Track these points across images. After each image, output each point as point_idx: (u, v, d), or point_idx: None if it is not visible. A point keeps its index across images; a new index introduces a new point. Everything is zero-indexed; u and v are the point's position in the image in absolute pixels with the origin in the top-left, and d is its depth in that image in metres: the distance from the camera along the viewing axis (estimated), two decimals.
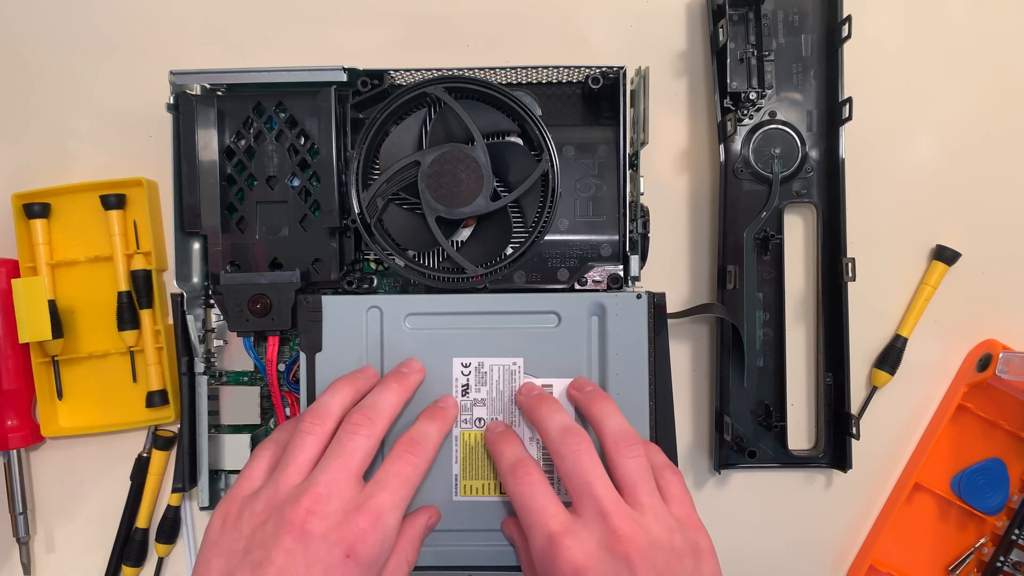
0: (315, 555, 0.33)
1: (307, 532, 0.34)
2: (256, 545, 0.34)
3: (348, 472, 0.36)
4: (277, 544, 0.33)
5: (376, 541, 0.35)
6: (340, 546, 0.34)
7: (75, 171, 0.53)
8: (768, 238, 0.50)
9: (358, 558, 0.34)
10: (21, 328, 0.48)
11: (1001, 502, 0.51)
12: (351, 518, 0.35)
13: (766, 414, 0.51)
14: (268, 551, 0.33)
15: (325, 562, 0.33)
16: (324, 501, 0.35)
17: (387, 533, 0.35)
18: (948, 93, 0.53)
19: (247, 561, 0.34)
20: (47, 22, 0.53)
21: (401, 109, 0.44)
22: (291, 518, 0.34)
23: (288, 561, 0.33)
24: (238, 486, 0.37)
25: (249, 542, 0.34)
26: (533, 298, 0.43)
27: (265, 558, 0.33)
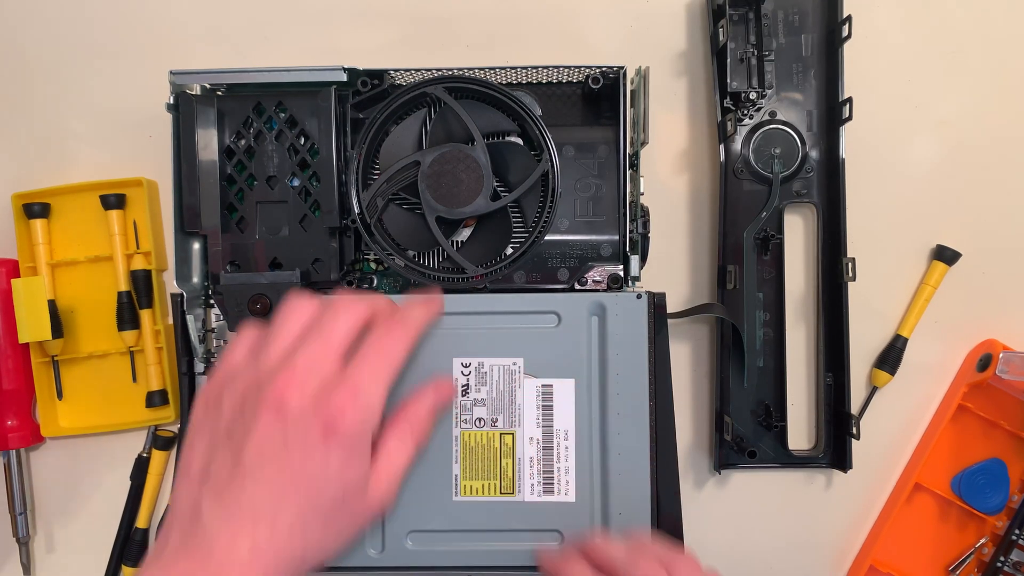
0: (293, 431, 0.33)
1: (284, 407, 0.33)
2: (236, 425, 0.34)
3: (329, 349, 0.35)
4: (256, 421, 0.33)
5: (356, 416, 0.34)
6: (318, 420, 0.33)
7: (75, 171, 0.53)
8: (768, 238, 0.50)
9: (337, 432, 0.33)
10: (21, 328, 0.48)
11: (1001, 502, 0.51)
12: (329, 393, 0.34)
13: (766, 414, 0.51)
14: (247, 429, 0.33)
15: (303, 438, 0.33)
16: (303, 377, 0.34)
17: (369, 410, 0.34)
18: (948, 93, 0.53)
19: (228, 441, 0.33)
20: (47, 22, 0.53)
21: (401, 109, 0.44)
22: (269, 395, 0.33)
23: (266, 438, 0.33)
24: (219, 368, 0.36)
25: (230, 423, 0.34)
26: (533, 298, 0.43)
27: (244, 437, 0.33)
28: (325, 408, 0.33)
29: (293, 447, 0.33)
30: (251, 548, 0.32)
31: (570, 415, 0.42)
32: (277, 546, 0.32)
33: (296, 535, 0.33)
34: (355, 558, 0.42)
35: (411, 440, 0.38)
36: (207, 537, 0.32)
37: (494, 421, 0.42)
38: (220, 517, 0.32)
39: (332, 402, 0.33)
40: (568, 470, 0.42)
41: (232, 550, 0.31)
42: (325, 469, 0.33)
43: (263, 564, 0.32)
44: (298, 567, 0.33)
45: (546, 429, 0.42)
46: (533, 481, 0.42)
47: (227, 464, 0.33)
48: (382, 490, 0.36)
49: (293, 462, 0.33)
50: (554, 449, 0.42)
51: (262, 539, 0.32)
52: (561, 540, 0.42)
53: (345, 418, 0.33)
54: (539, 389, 0.42)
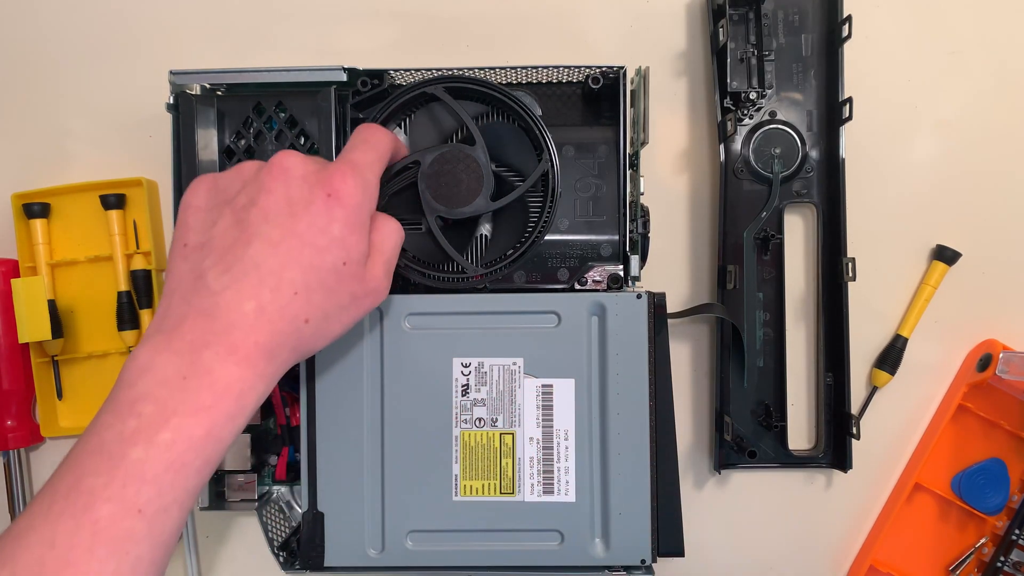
0: (297, 192, 0.34)
1: (289, 173, 0.34)
2: (240, 195, 0.34)
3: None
4: (260, 187, 0.34)
5: (356, 184, 0.35)
6: (321, 187, 0.34)
7: (75, 171, 0.53)
8: (768, 238, 0.50)
9: (340, 197, 0.34)
10: (21, 328, 0.48)
11: (1001, 502, 0.51)
12: (328, 166, 0.35)
13: (766, 414, 0.51)
14: (252, 195, 0.34)
15: (308, 199, 0.34)
16: (303, 156, 0.35)
17: (366, 184, 0.35)
18: (948, 93, 0.53)
19: (231, 211, 0.34)
20: (47, 22, 0.53)
21: (401, 109, 0.44)
22: (274, 164, 0.34)
23: (271, 200, 0.33)
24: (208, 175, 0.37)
25: (233, 195, 0.35)
26: (533, 298, 0.43)
27: (249, 202, 0.34)
28: (329, 175, 0.34)
29: (298, 207, 0.33)
30: (256, 308, 0.32)
31: (570, 415, 0.42)
32: (281, 307, 0.33)
33: (300, 298, 0.33)
34: (355, 558, 0.42)
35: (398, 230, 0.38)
36: (211, 297, 0.32)
37: (494, 421, 0.42)
38: (225, 277, 0.32)
39: (336, 170, 0.35)
40: (568, 470, 0.42)
41: (238, 309, 0.32)
42: (328, 232, 0.34)
43: (268, 323, 0.32)
44: (300, 333, 0.33)
45: (546, 429, 0.42)
46: (533, 481, 0.42)
47: (231, 229, 0.34)
48: (377, 276, 0.36)
49: (299, 223, 0.33)
50: (554, 449, 0.42)
51: (267, 299, 0.32)
52: (561, 540, 0.42)
53: (346, 185, 0.34)
54: (539, 389, 0.42)
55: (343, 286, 0.35)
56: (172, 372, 0.31)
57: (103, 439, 0.30)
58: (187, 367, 0.31)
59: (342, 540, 0.42)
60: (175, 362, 0.31)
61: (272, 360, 0.33)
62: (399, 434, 0.42)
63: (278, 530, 0.46)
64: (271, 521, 0.47)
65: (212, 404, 0.31)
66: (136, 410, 0.30)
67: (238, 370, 0.31)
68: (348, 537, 0.42)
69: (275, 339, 0.33)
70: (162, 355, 0.31)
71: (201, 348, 0.31)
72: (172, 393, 0.30)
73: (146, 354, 0.31)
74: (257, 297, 0.32)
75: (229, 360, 0.31)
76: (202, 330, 0.31)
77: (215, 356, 0.31)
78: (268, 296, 0.32)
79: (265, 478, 0.48)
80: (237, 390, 0.31)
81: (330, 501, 0.42)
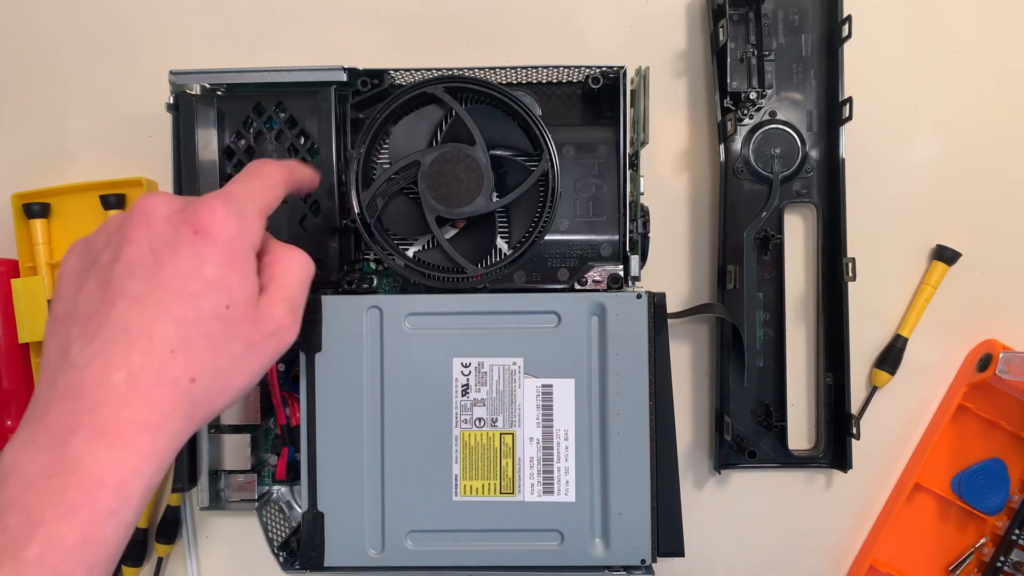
0: (160, 236, 0.30)
1: (151, 217, 0.30)
2: (104, 254, 0.31)
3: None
4: (123, 240, 0.30)
5: (228, 216, 0.30)
6: (186, 225, 0.30)
7: (75, 171, 0.53)
8: (768, 238, 0.50)
9: (209, 233, 0.30)
10: (21, 328, 0.48)
11: (1001, 502, 0.51)
12: (195, 201, 0.31)
13: (766, 414, 0.51)
14: (115, 252, 0.30)
15: (173, 243, 0.30)
16: (168, 195, 0.31)
17: (242, 214, 0.31)
18: (948, 93, 0.53)
19: (96, 272, 0.30)
20: (47, 22, 0.53)
21: (401, 109, 0.44)
22: (134, 212, 0.31)
23: (135, 253, 0.30)
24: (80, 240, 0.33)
25: (98, 255, 0.31)
26: (533, 298, 0.43)
27: (112, 260, 0.30)
28: (195, 211, 0.30)
29: (163, 254, 0.30)
30: (127, 377, 0.28)
31: (570, 415, 0.42)
32: (156, 369, 0.28)
33: (179, 357, 0.29)
34: (355, 558, 0.42)
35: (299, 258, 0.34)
36: (76, 374, 0.28)
37: (494, 421, 0.42)
38: (90, 348, 0.28)
39: (203, 204, 0.31)
40: (568, 470, 0.42)
41: (106, 382, 0.28)
42: (199, 275, 0.30)
43: (144, 392, 0.28)
44: (190, 396, 0.29)
45: (546, 429, 0.42)
46: (533, 481, 0.42)
47: (95, 292, 0.30)
48: (277, 315, 0.32)
49: (165, 271, 0.29)
50: (554, 449, 0.42)
51: (137, 364, 0.28)
52: (561, 540, 0.42)
53: (215, 219, 0.30)
54: (539, 389, 0.42)
55: (232, 333, 0.30)
56: (37, 471, 0.27)
57: None
58: (52, 463, 0.27)
59: (342, 540, 0.42)
60: (40, 459, 0.27)
61: (157, 434, 0.28)
62: (399, 434, 0.42)
63: (278, 530, 0.46)
64: (271, 521, 0.47)
65: (84, 502, 0.26)
66: (1, 523, 0.26)
67: (113, 455, 0.27)
68: (348, 537, 0.42)
69: (156, 409, 0.28)
70: (25, 452, 0.27)
71: (67, 437, 0.27)
72: (38, 497, 0.26)
73: (11, 453, 0.27)
74: (126, 365, 0.28)
75: (100, 445, 0.27)
76: (67, 415, 0.27)
77: (83, 443, 0.27)
78: (139, 361, 0.28)
79: (265, 478, 0.48)
80: (115, 480, 0.27)
81: (330, 501, 0.42)
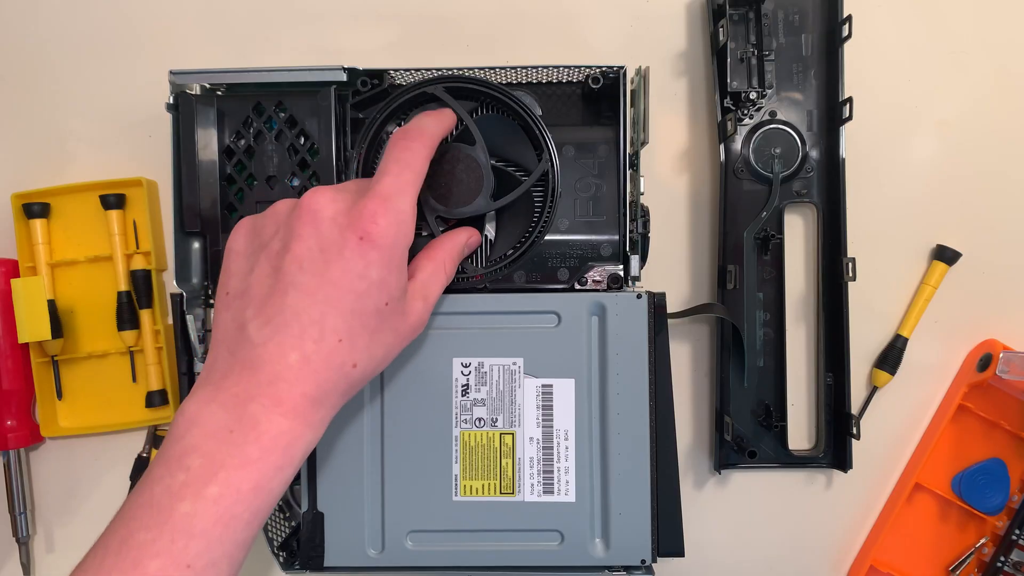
0: (328, 239, 0.33)
1: (317, 216, 0.34)
2: (273, 241, 0.35)
3: (354, 180, 0.37)
4: (292, 233, 0.34)
5: (389, 223, 0.34)
6: (352, 229, 0.33)
7: (75, 171, 0.53)
8: (768, 238, 0.50)
9: (373, 240, 0.33)
10: (21, 328, 0.48)
11: (1001, 502, 0.51)
12: (358, 203, 0.34)
13: (766, 414, 0.51)
14: (285, 242, 0.34)
15: (341, 245, 0.33)
16: (333, 194, 0.35)
17: (399, 216, 0.35)
18: (948, 93, 0.53)
19: (266, 258, 0.34)
20: (47, 22, 0.53)
21: (401, 109, 0.44)
22: (303, 208, 0.34)
23: (304, 247, 0.33)
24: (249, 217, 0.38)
25: (267, 241, 0.35)
26: (533, 298, 0.43)
27: (282, 249, 0.34)
28: (358, 216, 0.34)
29: (331, 254, 0.33)
30: (300, 358, 0.32)
31: (570, 415, 0.42)
32: (326, 354, 0.33)
33: (344, 344, 0.33)
34: (355, 558, 0.42)
35: (443, 268, 0.39)
36: (254, 350, 0.32)
37: (494, 421, 0.42)
38: (266, 329, 0.32)
39: (364, 210, 0.34)
40: (568, 470, 0.42)
41: (282, 361, 0.32)
42: (366, 276, 0.33)
43: (314, 372, 0.32)
44: (348, 376, 0.34)
45: (546, 429, 0.42)
46: (533, 481, 0.42)
47: (267, 278, 0.34)
48: (418, 310, 0.37)
49: (333, 270, 0.33)
50: (554, 449, 0.42)
51: (310, 348, 0.32)
52: (561, 540, 0.42)
53: (378, 225, 0.34)
54: (539, 389, 0.42)
55: (387, 325, 0.35)
56: (219, 425, 0.31)
57: (153, 493, 0.30)
58: (233, 421, 0.31)
59: (342, 540, 0.42)
60: (221, 415, 0.31)
61: (320, 407, 0.33)
62: (399, 434, 0.42)
63: (278, 530, 0.46)
64: (271, 521, 0.46)
65: (259, 457, 0.31)
66: (184, 463, 0.30)
67: (285, 422, 0.32)
68: (348, 537, 0.42)
69: (322, 388, 0.33)
70: (209, 407, 0.32)
71: (247, 401, 0.31)
72: (219, 446, 0.31)
73: (194, 406, 0.32)
74: (300, 348, 0.32)
75: (275, 412, 0.32)
76: (247, 383, 0.32)
77: (261, 409, 0.31)
78: (312, 347, 0.32)
79: None
80: (284, 442, 0.32)
81: (330, 501, 0.42)
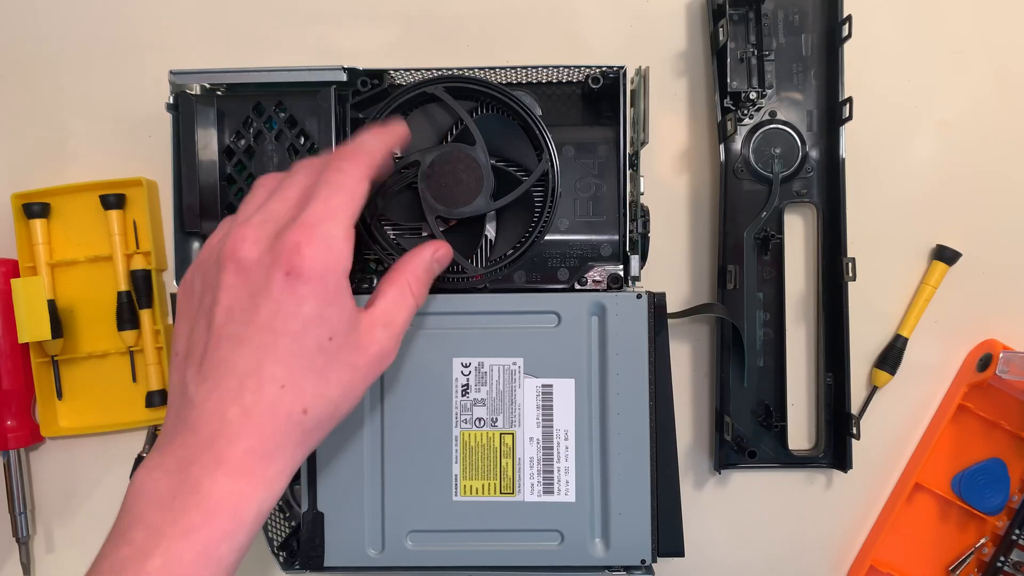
0: (256, 282, 0.31)
1: (240, 263, 0.32)
2: (205, 295, 0.33)
3: (283, 202, 0.33)
4: (218, 284, 0.32)
5: (316, 252, 0.31)
6: (277, 266, 0.31)
7: (75, 171, 0.53)
8: (768, 238, 0.50)
9: (300, 273, 0.31)
10: (21, 328, 0.48)
11: (1001, 502, 0.51)
12: (281, 236, 0.32)
13: (766, 414, 0.51)
14: (214, 295, 0.32)
15: (267, 286, 0.31)
16: (256, 231, 0.32)
17: (328, 242, 0.32)
18: (948, 93, 0.53)
19: (201, 314, 0.33)
20: (46, 22, 0.53)
21: (401, 109, 0.44)
22: (225, 254, 0.32)
23: (231, 297, 0.32)
24: (197, 256, 0.36)
25: (201, 296, 0.33)
26: (533, 298, 0.43)
27: (212, 303, 0.32)
28: (281, 250, 0.31)
29: (260, 298, 0.31)
30: (240, 412, 0.30)
31: (570, 415, 0.42)
32: (268, 404, 0.31)
33: (288, 390, 0.31)
34: (355, 558, 0.42)
35: (408, 291, 0.36)
36: (194, 409, 0.31)
37: (494, 421, 0.42)
38: (203, 387, 0.31)
39: (287, 243, 0.31)
40: (568, 470, 0.42)
41: (221, 417, 0.30)
42: (298, 314, 0.31)
43: (257, 425, 0.30)
44: (300, 423, 0.31)
45: (546, 429, 0.42)
46: (533, 481, 0.42)
47: (203, 334, 0.32)
48: (379, 340, 0.34)
49: (263, 313, 0.31)
50: (554, 449, 0.42)
51: (249, 400, 0.31)
52: (561, 540, 0.42)
53: (304, 256, 0.31)
54: (539, 389, 0.42)
55: (338, 362, 0.32)
56: (162, 492, 0.30)
57: (100, 570, 0.29)
58: (176, 486, 0.30)
59: (342, 540, 0.42)
60: (165, 482, 0.30)
61: (271, 461, 0.31)
62: (399, 434, 0.42)
63: (278, 530, 0.46)
64: (271, 521, 0.46)
65: (202, 523, 0.29)
66: (128, 536, 0.29)
67: (229, 482, 0.30)
68: (348, 537, 0.42)
69: (270, 440, 0.31)
70: (153, 475, 0.30)
71: (189, 464, 0.30)
72: (162, 515, 0.29)
73: (142, 473, 0.31)
74: (239, 401, 0.30)
75: (218, 473, 0.30)
76: (189, 445, 0.30)
77: (202, 471, 0.30)
78: (251, 398, 0.30)
79: None
80: (231, 505, 0.30)
81: (330, 501, 0.42)
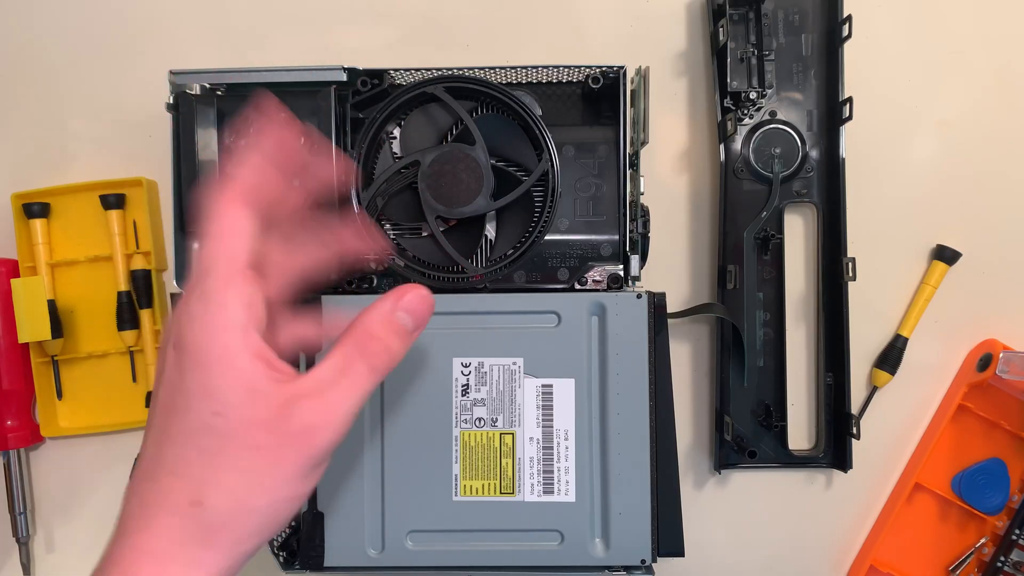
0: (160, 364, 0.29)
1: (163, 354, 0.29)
2: None
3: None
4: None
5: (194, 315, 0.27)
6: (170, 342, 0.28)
7: (75, 171, 0.53)
8: (768, 238, 0.50)
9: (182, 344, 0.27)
10: (21, 328, 0.48)
11: (1001, 502, 0.51)
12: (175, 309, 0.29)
13: (766, 414, 0.51)
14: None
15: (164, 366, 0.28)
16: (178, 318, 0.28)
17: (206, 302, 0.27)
18: (948, 93, 0.53)
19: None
20: (47, 22, 0.53)
21: (401, 109, 0.44)
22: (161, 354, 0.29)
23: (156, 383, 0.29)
24: None
25: None
26: (533, 298, 0.43)
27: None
28: (170, 326, 0.28)
29: (160, 378, 0.29)
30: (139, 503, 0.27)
31: (570, 415, 0.42)
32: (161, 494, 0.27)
33: (178, 478, 0.27)
34: (355, 558, 0.42)
35: (356, 354, 0.29)
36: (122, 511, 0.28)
37: (494, 421, 0.42)
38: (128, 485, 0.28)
39: (177, 313, 0.28)
40: (568, 470, 0.42)
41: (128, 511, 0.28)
42: (180, 388, 0.27)
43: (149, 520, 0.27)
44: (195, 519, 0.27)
45: (546, 429, 0.42)
46: (533, 481, 0.42)
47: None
48: (304, 414, 0.27)
49: (161, 395, 0.28)
50: (554, 449, 0.42)
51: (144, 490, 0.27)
52: (561, 540, 0.42)
53: (180, 324, 0.27)
54: (539, 389, 0.42)
55: (234, 443, 0.27)
56: None
57: None
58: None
59: (342, 540, 0.42)
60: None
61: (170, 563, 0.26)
62: (399, 434, 0.42)
63: None
64: None
65: None
66: None
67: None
68: (348, 537, 0.42)
69: (163, 536, 0.26)
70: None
71: (101, 566, 0.27)
72: None
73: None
74: (138, 492, 0.27)
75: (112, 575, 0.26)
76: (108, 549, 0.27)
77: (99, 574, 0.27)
78: (145, 486, 0.27)
79: None
80: None
81: (330, 501, 0.42)
